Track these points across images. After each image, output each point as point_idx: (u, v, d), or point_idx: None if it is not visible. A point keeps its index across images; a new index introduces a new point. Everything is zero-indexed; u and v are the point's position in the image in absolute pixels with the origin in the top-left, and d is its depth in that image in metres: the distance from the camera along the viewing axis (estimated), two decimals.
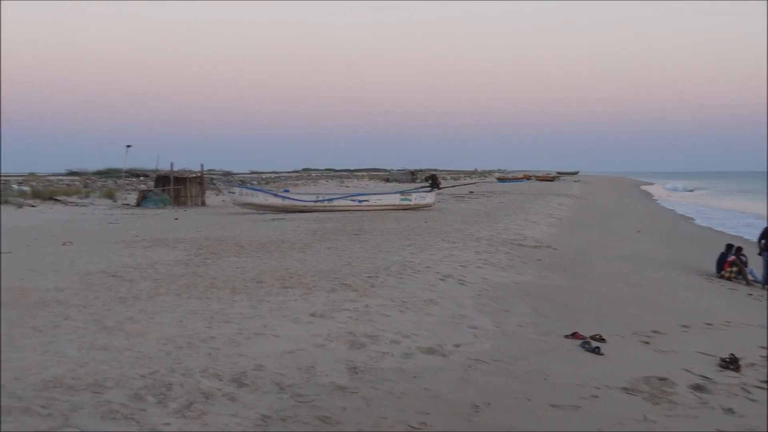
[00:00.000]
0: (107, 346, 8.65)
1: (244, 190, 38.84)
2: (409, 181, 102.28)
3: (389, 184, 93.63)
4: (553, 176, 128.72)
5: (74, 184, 62.34)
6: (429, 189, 41.50)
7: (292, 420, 6.52)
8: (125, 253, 18.21)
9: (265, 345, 8.82)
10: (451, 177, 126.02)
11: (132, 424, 6.26)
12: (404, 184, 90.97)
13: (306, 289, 12.50)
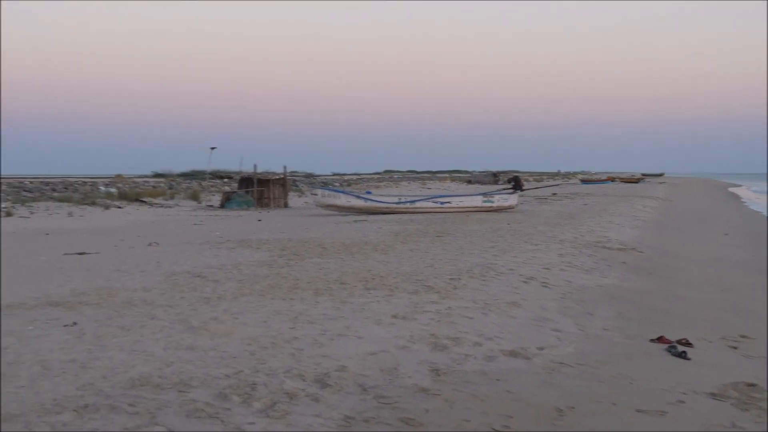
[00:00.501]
0: (193, 345, 8.77)
1: (326, 192, 39.06)
2: (491, 182, 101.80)
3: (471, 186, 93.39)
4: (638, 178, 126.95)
5: (160, 186, 63.20)
6: (512, 191, 41.21)
7: (375, 421, 6.54)
8: (210, 254, 18.42)
9: (348, 346, 8.85)
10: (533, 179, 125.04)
11: (217, 423, 6.33)
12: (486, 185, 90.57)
13: (388, 290, 12.52)
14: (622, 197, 56.60)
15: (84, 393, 6.98)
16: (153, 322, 10.12)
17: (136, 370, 7.74)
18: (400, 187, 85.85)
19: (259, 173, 46.98)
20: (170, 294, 12.36)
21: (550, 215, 33.79)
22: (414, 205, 36.90)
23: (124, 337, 9.19)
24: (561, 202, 46.83)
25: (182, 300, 11.77)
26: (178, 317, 10.39)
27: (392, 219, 31.62)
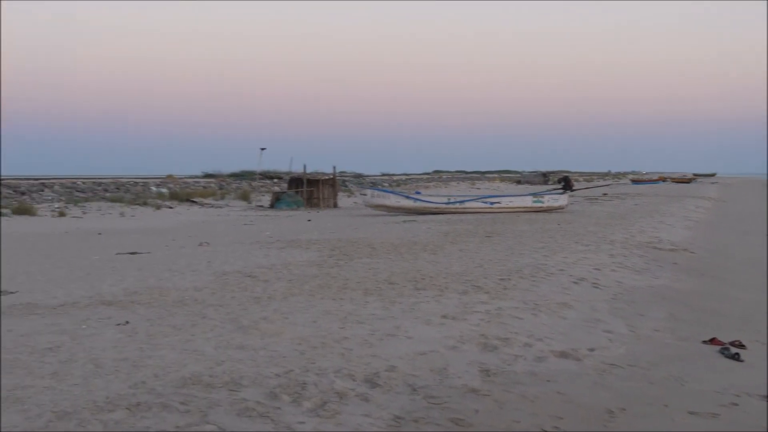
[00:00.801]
0: (243, 345, 8.82)
1: (375, 192, 39.13)
2: (541, 183, 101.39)
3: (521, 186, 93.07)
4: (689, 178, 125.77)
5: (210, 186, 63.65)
6: (562, 191, 41.01)
7: (425, 421, 6.53)
8: (260, 253, 18.52)
9: (397, 346, 8.85)
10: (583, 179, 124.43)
11: (267, 422, 6.36)
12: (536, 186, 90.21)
13: (438, 290, 12.51)
14: (674, 197, 56.12)
15: (136, 391, 7.05)
16: (204, 321, 10.20)
17: (188, 369, 7.80)
18: (450, 188, 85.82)
19: (308, 173, 47.19)
20: (221, 293, 12.44)
21: (601, 216, 33.56)
22: (463, 206, 36.85)
23: (175, 336, 9.27)
24: (611, 203, 46.53)
25: (233, 299, 11.84)
26: (229, 317, 10.46)
27: (441, 219, 31.59)
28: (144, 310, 11.09)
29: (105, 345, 8.86)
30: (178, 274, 14.95)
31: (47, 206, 40.20)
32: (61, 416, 6.35)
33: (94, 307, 11.36)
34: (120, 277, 14.55)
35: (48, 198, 47.11)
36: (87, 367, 7.88)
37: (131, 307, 11.28)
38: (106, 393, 6.98)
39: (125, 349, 8.63)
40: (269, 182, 67.72)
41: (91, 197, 47.37)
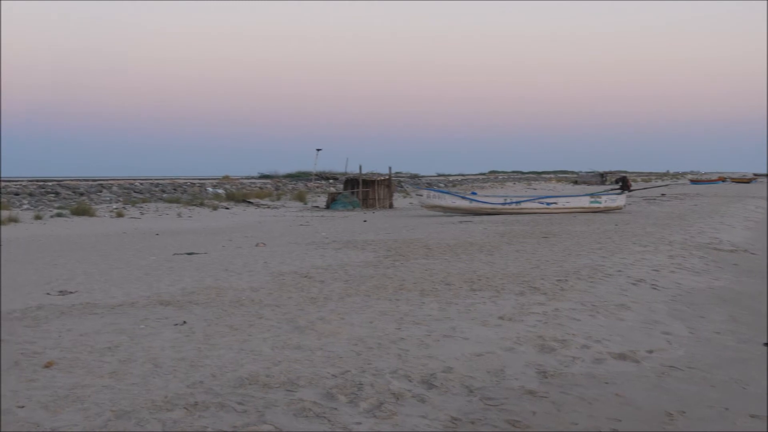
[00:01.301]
0: (300, 345, 8.84)
1: (431, 193, 39.08)
2: (598, 183, 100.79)
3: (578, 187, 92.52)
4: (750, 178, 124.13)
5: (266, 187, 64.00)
6: (619, 191, 40.69)
7: (482, 423, 6.50)
8: (316, 254, 18.58)
9: (453, 347, 8.82)
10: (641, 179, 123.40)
11: (324, 422, 6.36)
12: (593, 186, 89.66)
13: (494, 291, 12.46)
14: (734, 198, 55.45)
15: (194, 391, 7.09)
16: (261, 321, 10.24)
17: (245, 369, 7.84)
18: (506, 188, 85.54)
19: (364, 174, 47.23)
20: (277, 294, 12.50)
21: (659, 216, 33.24)
22: (519, 206, 36.71)
23: (232, 336, 9.32)
24: (670, 203, 46.08)
25: (289, 300, 11.89)
26: (286, 317, 10.50)
27: (497, 220, 31.50)
28: (201, 310, 11.17)
29: (163, 345, 8.94)
30: (235, 274, 15.04)
31: (105, 207, 40.64)
32: (120, 415, 6.41)
33: (152, 307, 11.47)
34: (177, 277, 14.68)
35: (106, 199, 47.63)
36: (145, 367, 7.95)
37: (189, 307, 11.37)
38: (164, 392, 7.04)
39: (183, 349, 8.70)
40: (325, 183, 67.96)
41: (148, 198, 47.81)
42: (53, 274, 15.57)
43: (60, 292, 13.17)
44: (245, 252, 19.62)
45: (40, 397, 6.93)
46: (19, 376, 7.68)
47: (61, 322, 10.43)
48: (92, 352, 8.62)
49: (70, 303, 12.00)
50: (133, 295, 12.71)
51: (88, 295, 12.81)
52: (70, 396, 6.96)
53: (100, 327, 10.05)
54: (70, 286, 13.88)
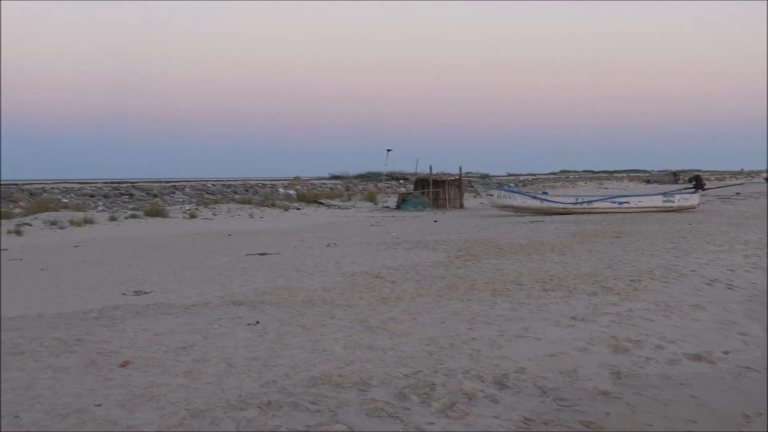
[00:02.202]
0: (372, 345, 8.87)
1: (502, 193, 38.97)
2: (670, 182, 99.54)
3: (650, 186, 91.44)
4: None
5: (337, 188, 64.24)
6: (693, 190, 40.18)
7: (555, 423, 6.45)
8: (387, 254, 18.62)
9: (526, 347, 8.78)
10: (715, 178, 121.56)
11: (396, 422, 6.37)
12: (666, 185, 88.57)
13: (567, 291, 12.38)
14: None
15: (267, 390, 7.15)
16: (333, 321, 10.29)
17: (317, 368, 7.88)
18: (577, 188, 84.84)
19: (434, 174, 47.20)
20: (349, 294, 12.55)
21: (734, 215, 32.73)
22: (591, 206, 36.42)
23: (305, 336, 9.38)
24: (745, 202, 45.36)
25: (361, 300, 11.93)
26: (357, 317, 10.54)
27: (569, 219, 31.28)
28: (274, 310, 11.25)
29: (236, 344, 9.02)
30: (307, 274, 15.13)
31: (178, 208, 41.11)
32: (195, 414, 6.48)
33: (225, 307, 11.58)
34: (250, 278, 14.81)
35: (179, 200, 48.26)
36: (219, 366, 8.03)
37: (261, 307, 11.46)
38: (238, 391, 7.10)
39: (256, 349, 8.77)
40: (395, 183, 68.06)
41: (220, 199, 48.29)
42: (128, 275, 15.80)
43: (135, 292, 13.36)
44: (317, 252, 19.72)
45: (116, 396, 7.04)
46: (96, 375, 7.81)
47: (136, 322, 10.58)
48: (167, 352, 8.73)
49: (145, 303, 12.18)
50: (207, 295, 12.85)
51: (163, 295, 12.99)
52: (145, 395, 7.06)
53: (174, 327, 10.18)
54: (145, 286, 14.08)
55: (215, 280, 14.73)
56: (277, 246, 21.94)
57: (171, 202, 46.55)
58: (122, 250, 21.84)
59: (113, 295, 13.15)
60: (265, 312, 11.09)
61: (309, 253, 19.44)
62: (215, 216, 37.91)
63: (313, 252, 19.84)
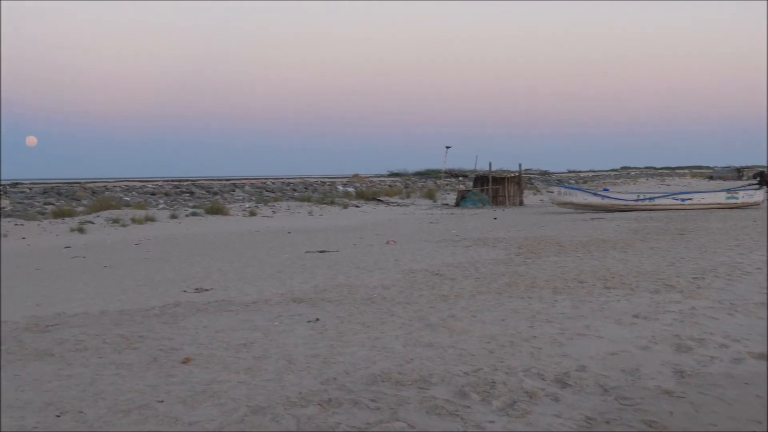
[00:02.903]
0: (432, 342, 8.85)
1: (562, 189, 38.73)
2: (734, 178, 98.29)
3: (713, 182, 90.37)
4: None
5: (395, 185, 64.31)
6: (757, 186, 39.61)
7: (617, 423, 6.38)
8: (447, 252, 18.58)
9: (587, 346, 8.70)
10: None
11: (456, 420, 6.34)
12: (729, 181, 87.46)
13: (628, 289, 12.25)
14: None
15: (327, 387, 7.15)
16: (393, 318, 10.29)
17: (377, 366, 7.88)
18: (638, 184, 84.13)
19: (494, 171, 47.07)
20: (409, 291, 12.54)
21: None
22: (653, 202, 36.06)
23: (364, 334, 9.39)
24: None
25: (420, 297, 11.91)
26: (417, 314, 10.52)
27: (630, 216, 31.01)
28: (333, 307, 11.27)
29: (296, 341, 9.05)
30: (366, 271, 15.15)
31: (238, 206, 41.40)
32: (256, 411, 6.50)
33: (285, 304, 11.63)
34: (310, 275, 14.86)
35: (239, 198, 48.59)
36: (280, 363, 8.06)
37: (321, 305, 11.49)
38: (298, 389, 7.12)
39: (316, 346, 8.79)
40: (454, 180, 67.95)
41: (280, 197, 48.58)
42: (189, 272, 15.93)
43: (196, 289, 13.46)
44: (376, 250, 19.74)
45: (178, 392, 7.09)
46: (158, 371, 7.88)
47: (197, 319, 10.66)
48: (228, 349, 8.78)
49: (205, 300, 12.27)
50: (267, 292, 12.91)
51: (223, 292, 13.07)
52: (207, 391, 7.10)
53: (235, 324, 10.24)
54: (206, 283, 14.19)
55: (275, 277, 14.80)
56: (337, 243, 21.99)
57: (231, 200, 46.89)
58: (183, 248, 22.04)
59: (174, 292, 13.26)
60: (324, 309, 11.12)
61: (368, 251, 19.46)
62: (275, 214, 38.13)
63: (373, 249, 19.86)
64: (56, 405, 6.79)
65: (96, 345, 9.11)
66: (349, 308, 11.15)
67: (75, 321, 10.77)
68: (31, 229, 28.52)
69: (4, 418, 6.49)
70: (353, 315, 10.62)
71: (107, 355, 8.63)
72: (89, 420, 6.37)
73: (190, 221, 33.35)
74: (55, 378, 7.69)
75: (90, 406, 6.75)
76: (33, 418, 6.44)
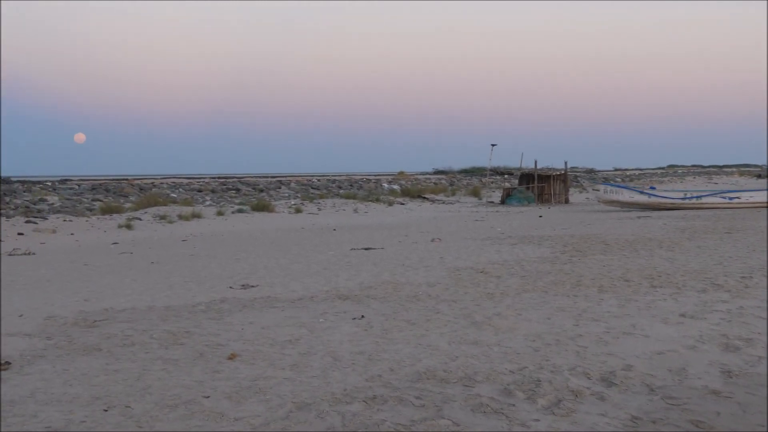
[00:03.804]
0: (477, 340, 8.84)
1: (608, 188, 38.50)
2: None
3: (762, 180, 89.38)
4: None
5: (441, 183, 64.26)
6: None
7: (664, 423, 6.33)
8: (492, 249, 18.54)
9: (633, 345, 8.65)
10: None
11: (501, 418, 6.33)
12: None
13: (675, 288, 12.16)
14: None
15: (372, 384, 7.17)
16: (438, 316, 10.29)
17: (422, 363, 7.89)
18: (685, 182, 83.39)
19: (539, 169, 46.89)
20: (454, 289, 12.53)
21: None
22: (700, 201, 35.73)
23: (409, 331, 9.40)
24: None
25: (466, 295, 11.91)
26: (462, 312, 10.52)
27: (677, 215, 30.76)
28: (379, 304, 11.30)
29: (342, 338, 9.09)
30: (411, 269, 15.16)
31: (284, 203, 41.58)
32: (301, 407, 6.54)
33: (330, 301, 11.67)
34: (355, 272, 14.89)
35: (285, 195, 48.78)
36: (325, 360, 8.09)
37: (366, 302, 11.52)
38: (343, 385, 7.15)
39: (361, 343, 8.82)
40: (500, 178, 67.75)
41: (325, 194, 48.70)
42: (235, 269, 16.03)
43: (242, 285, 13.54)
44: (421, 247, 19.74)
45: (224, 388, 7.14)
46: (205, 367, 7.94)
47: (243, 315, 10.72)
48: (273, 345, 8.83)
49: (251, 296, 12.34)
50: (312, 289, 12.96)
51: (269, 288, 13.14)
52: (252, 387, 7.15)
53: (280, 320, 10.30)
54: (252, 280, 14.26)
55: (320, 274, 14.85)
56: (382, 241, 22.02)
57: (277, 197, 47.09)
58: (229, 244, 22.17)
59: (221, 288, 13.35)
60: (370, 306, 11.15)
61: (413, 248, 19.47)
62: (320, 211, 38.25)
63: (418, 247, 19.87)
64: (104, 399, 6.87)
65: (143, 340, 9.21)
66: (395, 305, 11.17)
67: (122, 316, 10.88)
68: (79, 225, 28.82)
69: (53, 411, 6.58)
70: (398, 312, 10.64)
71: (154, 350, 8.71)
72: (136, 415, 6.43)
73: (236, 218, 33.54)
74: (103, 372, 7.78)
75: (137, 400, 6.82)
76: (81, 412, 6.51)
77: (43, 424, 6.24)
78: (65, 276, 15.55)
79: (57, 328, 10.09)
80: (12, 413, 6.52)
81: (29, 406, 6.71)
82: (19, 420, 6.35)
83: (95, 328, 10.09)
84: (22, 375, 7.75)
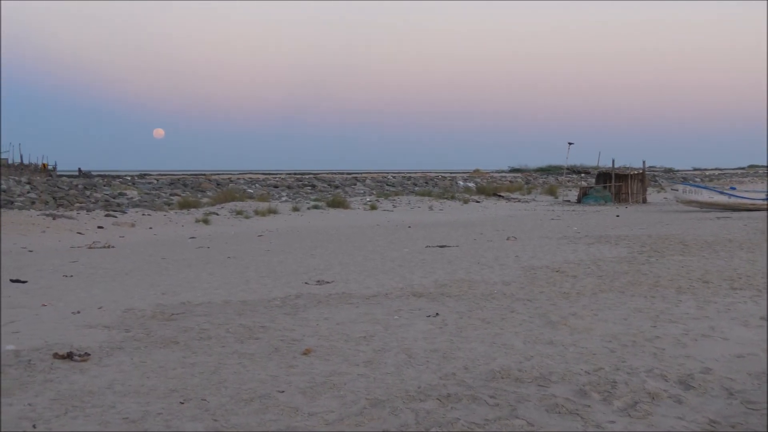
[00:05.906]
0: (552, 340, 8.78)
1: (687, 188, 37.99)
2: None
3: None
4: None
5: (516, 181, 63.96)
6: None
7: (742, 427, 6.22)
8: (568, 249, 18.40)
9: (712, 347, 8.51)
10: None
11: (576, 419, 6.27)
12: None
13: (756, 291, 11.94)
14: None
15: (446, 382, 7.16)
16: (513, 315, 10.23)
17: (497, 362, 7.85)
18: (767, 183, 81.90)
19: (617, 168, 46.42)
20: (529, 288, 12.46)
21: None
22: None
23: (484, 330, 9.36)
24: None
25: (541, 294, 11.82)
26: (537, 311, 10.45)
27: (758, 216, 30.22)
28: (453, 302, 11.27)
29: (416, 336, 9.08)
30: (487, 267, 15.10)
31: (359, 199, 41.71)
32: (375, 403, 6.54)
33: (405, 298, 11.67)
34: (430, 270, 14.88)
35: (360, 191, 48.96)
36: (399, 357, 8.09)
37: (441, 299, 11.50)
38: (417, 383, 7.14)
39: (435, 341, 8.81)
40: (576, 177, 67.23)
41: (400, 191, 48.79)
42: (311, 264, 16.11)
43: (317, 281, 13.60)
44: (496, 245, 19.66)
45: (298, 383, 7.18)
46: (280, 362, 7.99)
47: (318, 311, 10.77)
48: (348, 341, 8.86)
49: (327, 292, 12.39)
50: (387, 286, 12.98)
51: (344, 285, 13.18)
52: (327, 383, 7.17)
53: (355, 316, 10.32)
54: (327, 275, 14.33)
55: (395, 271, 14.86)
56: (457, 238, 21.98)
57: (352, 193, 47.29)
58: (304, 240, 22.30)
59: (296, 283, 13.43)
60: (444, 304, 11.12)
61: (488, 246, 19.40)
62: (395, 208, 38.29)
63: (493, 245, 19.79)
64: (180, 392, 6.94)
65: (219, 334, 9.29)
66: (469, 304, 11.13)
67: (199, 310, 11.00)
68: (157, 219, 29.22)
69: (130, 402, 6.67)
70: (473, 310, 10.60)
71: (230, 344, 8.78)
72: (211, 408, 6.49)
73: (312, 214, 33.74)
74: (180, 365, 7.87)
75: (213, 394, 6.88)
76: (158, 404, 6.59)
77: (120, 415, 6.33)
78: (143, 269, 15.77)
79: (135, 321, 10.23)
80: (91, 404, 6.62)
81: (108, 397, 6.81)
82: (98, 410, 6.45)
83: (172, 321, 10.21)
84: (101, 366, 7.87)
